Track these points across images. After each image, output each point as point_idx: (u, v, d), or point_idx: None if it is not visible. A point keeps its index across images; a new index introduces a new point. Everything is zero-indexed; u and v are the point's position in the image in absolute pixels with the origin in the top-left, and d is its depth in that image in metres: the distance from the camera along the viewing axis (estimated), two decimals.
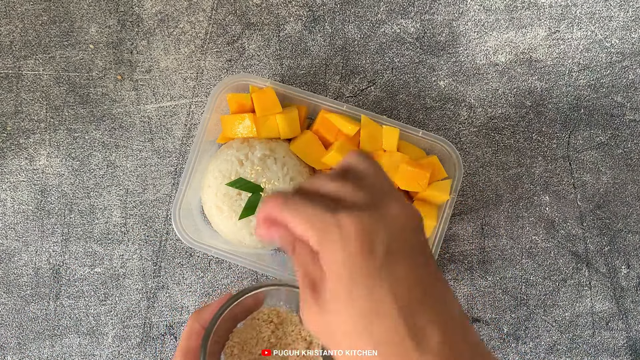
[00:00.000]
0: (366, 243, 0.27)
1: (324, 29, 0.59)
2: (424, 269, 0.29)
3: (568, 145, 0.59)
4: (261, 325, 0.52)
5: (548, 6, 0.59)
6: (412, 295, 0.28)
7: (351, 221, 0.28)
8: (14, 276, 0.58)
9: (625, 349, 0.58)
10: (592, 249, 0.59)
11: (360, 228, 0.27)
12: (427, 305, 0.28)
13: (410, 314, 0.27)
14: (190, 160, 0.53)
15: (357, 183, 0.30)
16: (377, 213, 0.28)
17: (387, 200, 0.29)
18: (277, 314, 0.53)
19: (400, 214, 0.29)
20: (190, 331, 0.48)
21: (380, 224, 0.28)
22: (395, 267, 0.28)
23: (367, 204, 0.29)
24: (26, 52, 0.58)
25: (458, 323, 0.29)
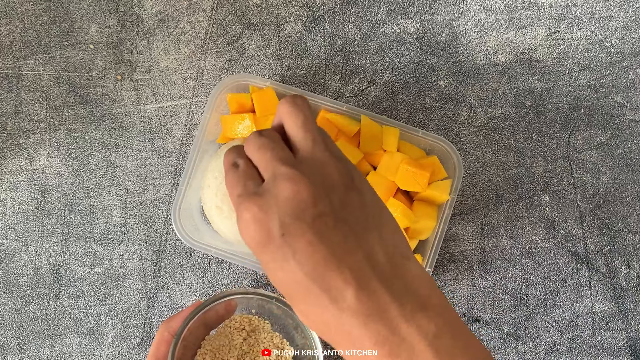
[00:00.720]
0: (261, 229, 0.31)
1: (324, 29, 0.59)
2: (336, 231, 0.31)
3: (568, 145, 0.59)
4: (233, 333, 0.52)
5: (548, 6, 0.59)
6: (316, 260, 0.30)
7: (247, 211, 0.31)
8: (14, 276, 0.58)
9: (625, 349, 0.58)
10: (592, 249, 0.59)
11: (254, 218, 0.31)
12: (339, 265, 0.30)
13: (318, 276, 0.30)
14: (190, 160, 0.53)
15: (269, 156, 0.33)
16: (269, 199, 0.31)
17: (281, 182, 0.32)
18: (249, 322, 0.53)
19: (290, 195, 0.31)
20: (160, 340, 0.48)
21: (272, 209, 0.31)
22: (294, 241, 0.30)
23: (265, 190, 0.32)
24: (26, 52, 0.58)
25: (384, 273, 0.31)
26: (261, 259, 0.32)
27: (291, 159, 0.33)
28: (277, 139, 0.35)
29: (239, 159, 0.35)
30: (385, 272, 0.31)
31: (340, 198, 0.32)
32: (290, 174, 0.32)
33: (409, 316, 0.30)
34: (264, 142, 0.34)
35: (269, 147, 0.34)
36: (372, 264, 0.31)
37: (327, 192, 0.32)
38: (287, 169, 0.32)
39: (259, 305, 0.54)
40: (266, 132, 0.35)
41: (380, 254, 0.32)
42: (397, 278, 0.31)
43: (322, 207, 0.31)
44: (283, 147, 0.34)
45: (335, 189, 0.32)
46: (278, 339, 0.53)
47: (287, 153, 0.34)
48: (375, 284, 0.30)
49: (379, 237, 0.32)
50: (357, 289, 0.30)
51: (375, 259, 0.31)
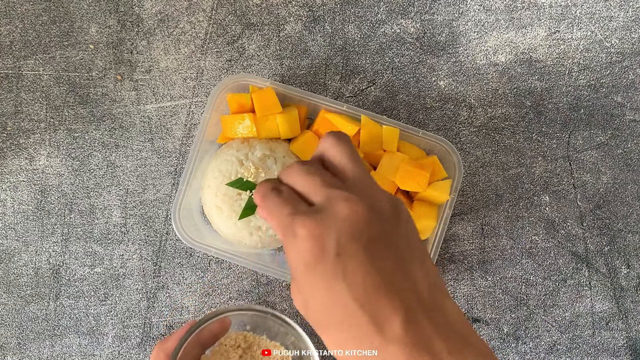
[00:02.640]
0: (316, 247, 0.30)
1: (324, 29, 0.59)
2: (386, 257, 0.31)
3: (568, 145, 0.59)
4: (229, 351, 0.52)
5: (548, 6, 0.59)
6: (367, 285, 0.30)
7: (303, 228, 0.31)
8: (14, 276, 0.58)
9: (625, 349, 0.58)
10: (592, 249, 0.59)
11: (312, 234, 0.31)
12: (388, 292, 0.30)
13: (367, 302, 0.30)
14: (190, 160, 0.53)
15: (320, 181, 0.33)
16: (327, 217, 0.31)
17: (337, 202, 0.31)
18: (244, 339, 0.53)
19: (348, 215, 0.31)
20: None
21: (331, 227, 0.31)
22: (348, 262, 0.30)
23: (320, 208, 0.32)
24: (26, 52, 0.58)
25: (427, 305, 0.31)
26: (307, 277, 0.31)
27: (341, 184, 0.33)
28: (321, 167, 0.34)
29: (281, 185, 0.35)
30: (429, 305, 0.31)
31: (391, 224, 0.32)
32: (346, 196, 0.31)
33: (455, 351, 0.30)
34: (311, 169, 0.34)
35: (318, 173, 0.34)
36: (417, 295, 0.31)
37: (380, 216, 0.32)
38: (342, 191, 0.32)
39: (254, 321, 0.54)
40: (310, 162, 0.35)
41: (424, 287, 0.31)
42: (440, 313, 0.31)
43: (376, 229, 0.31)
44: (331, 175, 0.34)
45: (386, 216, 0.32)
46: (275, 345, 0.53)
47: (336, 179, 0.33)
48: (421, 316, 0.30)
49: (421, 269, 0.32)
50: (404, 319, 0.30)
51: (420, 291, 0.31)
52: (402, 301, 0.30)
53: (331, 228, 0.30)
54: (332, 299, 0.30)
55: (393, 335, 0.29)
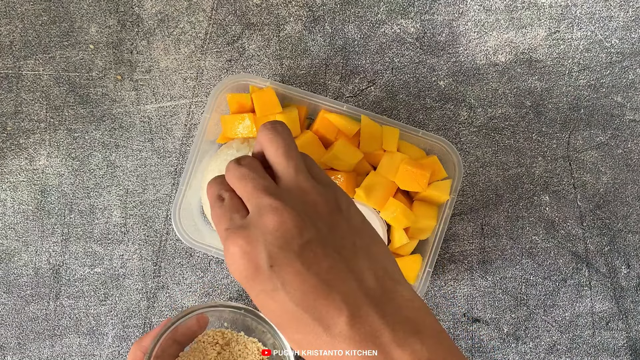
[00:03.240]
0: (249, 263, 0.31)
1: (324, 29, 0.59)
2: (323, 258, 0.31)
3: (568, 145, 0.59)
4: (207, 348, 0.52)
5: (548, 6, 0.59)
6: (306, 289, 0.30)
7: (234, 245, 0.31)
8: (14, 276, 0.58)
9: (625, 349, 0.58)
10: (592, 249, 0.59)
11: (241, 252, 0.31)
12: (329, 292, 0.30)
13: (309, 306, 0.30)
14: (190, 160, 0.53)
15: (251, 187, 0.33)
16: (256, 231, 0.31)
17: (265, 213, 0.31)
18: (222, 335, 0.53)
19: (276, 226, 0.31)
20: (132, 359, 0.48)
21: (259, 241, 0.31)
22: (283, 272, 0.30)
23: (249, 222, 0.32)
24: (26, 52, 0.58)
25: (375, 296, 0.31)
26: (250, 291, 0.32)
27: (273, 188, 0.33)
28: (257, 167, 0.34)
29: (223, 192, 0.35)
30: (377, 296, 0.31)
31: (326, 224, 0.32)
32: (274, 205, 0.31)
33: (402, 341, 0.30)
34: (244, 173, 0.34)
35: (250, 177, 0.33)
36: (363, 289, 0.31)
37: (313, 220, 0.32)
38: (270, 199, 0.32)
39: (232, 319, 0.54)
40: (245, 161, 0.35)
41: (370, 278, 0.31)
42: (389, 302, 0.31)
43: (308, 235, 0.31)
44: (264, 176, 0.34)
45: (320, 216, 0.32)
46: (253, 342, 0.53)
47: (269, 182, 0.33)
48: (367, 309, 0.30)
49: (368, 261, 0.32)
50: (348, 316, 0.30)
51: (365, 283, 0.31)
52: (344, 298, 0.30)
53: (260, 242, 0.31)
54: (278, 307, 0.31)
55: (340, 333, 0.30)
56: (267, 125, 0.35)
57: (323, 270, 0.31)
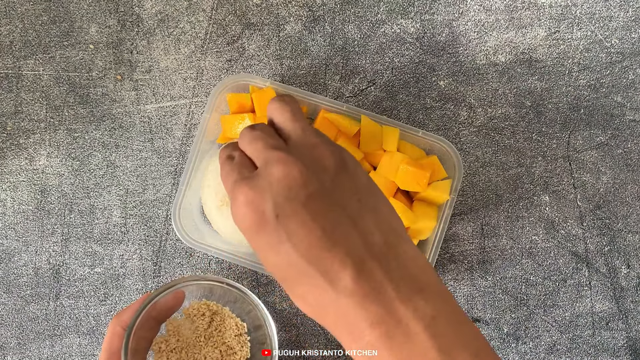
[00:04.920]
0: (255, 212, 0.31)
1: (324, 29, 0.59)
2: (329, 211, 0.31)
3: (568, 145, 0.59)
4: (194, 321, 0.54)
5: (548, 6, 0.59)
6: (311, 241, 0.30)
7: (240, 194, 0.32)
8: (14, 276, 0.58)
9: (625, 349, 0.58)
10: (592, 249, 0.59)
11: (247, 200, 0.31)
12: (334, 245, 0.30)
13: (314, 258, 0.30)
14: (190, 160, 0.53)
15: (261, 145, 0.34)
16: (262, 181, 0.32)
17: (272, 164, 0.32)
18: (207, 307, 0.55)
19: (282, 176, 0.31)
20: (112, 334, 0.49)
21: (266, 190, 0.31)
22: (288, 222, 0.30)
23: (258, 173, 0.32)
24: (26, 52, 0.58)
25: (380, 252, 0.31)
26: (255, 243, 0.32)
27: (282, 145, 0.34)
28: (269, 130, 0.35)
29: (234, 152, 0.36)
30: (381, 252, 0.31)
31: (332, 179, 0.32)
32: (281, 157, 0.32)
33: (406, 298, 0.30)
34: (256, 134, 0.35)
35: (261, 137, 0.34)
36: (367, 244, 0.31)
37: (318, 173, 0.32)
38: (278, 152, 0.32)
39: (212, 292, 0.55)
40: (258, 125, 0.36)
41: (375, 234, 0.31)
42: (393, 259, 0.31)
43: (314, 186, 0.31)
44: (275, 137, 0.35)
45: (327, 169, 0.33)
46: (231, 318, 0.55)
47: (278, 141, 0.34)
48: (371, 265, 0.30)
49: (373, 217, 0.32)
50: (353, 270, 0.30)
51: (370, 239, 0.31)
52: (349, 252, 0.30)
53: (266, 192, 0.31)
54: (282, 259, 0.31)
55: (344, 287, 0.30)
56: (275, 98, 0.37)
57: (328, 222, 0.31)
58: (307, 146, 0.34)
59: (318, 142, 0.34)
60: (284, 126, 0.36)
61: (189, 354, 0.53)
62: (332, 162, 0.33)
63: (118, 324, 0.49)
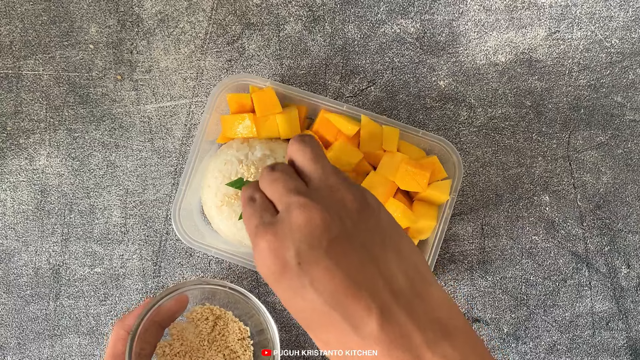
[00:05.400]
0: (277, 259, 0.31)
1: (324, 29, 0.59)
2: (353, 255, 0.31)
3: (568, 145, 0.59)
4: (198, 325, 0.54)
5: (548, 6, 0.59)
6: (335, 287, 0.30)
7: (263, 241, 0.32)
8: (14, 276, 0.58)
9: (625, 349, 0.58)
10: (592, 249, 0.59)
11: (270, 247, 0.31)
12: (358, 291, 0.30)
13: (338, 305, 0.30)
14: (190, 160, 0.53)
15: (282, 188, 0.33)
16: (284, 228, 0.31)
17: (294, 210, 0.32)
18: (211, 311, 0.55)
19: (304, 222, 0.31)
20: (116, 338, 0.49)
21: (287, 238, 0.31)
22: (312, 270, 0.30)
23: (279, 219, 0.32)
24: (26, 52, 0.58)
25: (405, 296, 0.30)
26: (277, 288, 0.32)
27: (303, 188, 0.33)
28: (289, 171, 0.35)
29: (256, 193, 0.35)
30: (407, 297, 0.30)
31: (353, 221, 0.32)
32: (302, 202, 0.32)
33: (433, 344, 0.29)
34: (276, 176, 0.34)
35: (281, 179, 0.34)
36: (392, 288, 0.30)
37: (340, 216, 0.32)
38: (298, 197, 0.32)
39: (215, 296, 0.55)
40: (279, 167, 0.35)
41: (400, 277, 0.31)
42: (420, 303, 0.31)
43: (336, 230, 0.31)
44: (295, 179, 0.34)
45: (349, 212, 0.32)
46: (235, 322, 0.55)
47: (299, 183, 0.34)
48: (397, 310, 0.30)
49: (397, 259, 0.32)
50: (378, 316, 0.29)
51: (395, 282, 0.31)
52: (375, 298, 0.30)
53: (288, 239, 0.31)
54: (306, 305, 0.31)
55: (370, 334, 0.29)
56: (295, 138, 0.36)
57: (351, 266, 0.30)
58: (328, 188, 0.33)
59: (338, 184, 0.33)
60: (305, 167, 0.35)
61: (192, 358, 0.53)
62: (354, 204, 0.33)
63: (122, 328, 0.49)
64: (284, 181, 0.34)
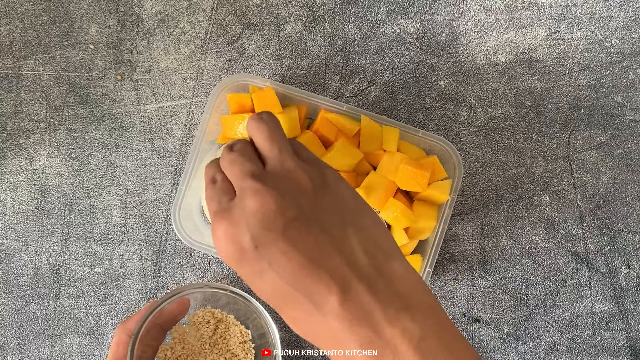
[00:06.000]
0: (234, 244, 0.31)
1: (324, 29, 0.59)
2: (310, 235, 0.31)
3: (568, 145, 0.59)
4: (199, 328, 0.54)
5: (548, 6, 0.59)
6: (294, 267, 0.30)
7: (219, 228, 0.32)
8: (14, 276, 0.58)
9: (625, 349, 0.58)
10: (592, 249, 0.59)
11: (226, 234, 0.31)
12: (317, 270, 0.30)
13: (299, 284, 0.30)
14: (190, 160, 0.53)
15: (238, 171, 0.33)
16: (239, 213, 0.31)
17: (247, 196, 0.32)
18: (212, 315, 0.55)
19: (257, 207, 0.31)
20: (117, 342, 0.49)
21: (242, 223, 0.31)
22: (269, 252, 0.30)
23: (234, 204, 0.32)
24: (26, 52, 0.58)
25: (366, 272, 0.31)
26: (240, 273, 0.32)
27: (258, 171, 0.33)
28: (247, 151, 0.35)
29: (217, 174, 0.35)
30: (368, 272, 0.31)
31: (310, 202, 0.32)
32: (255, 187, 0.32)
33: (393, 318, 0.29)
34: (233, 157, 0.34)
35: (238, 161, 0.34)
36: (352, 265, 0.31)
37: (296, 198, 0.32)
38: (252, 182, 0.32)
39: (222, 301, 0.55)
40: (238, 146, 0.35)
41: (360, 254, 0.31)
42: (381, 278, 0.31)
43: (292, 213, 0.31)
44: (252, 160, 0.34)
45: (305, 193, 0.32)
46: (236, 326, 0.55)
47: (255, 165, 0.34)
48: (357, 286, 0.30)
49: (358, 236, 0.32)
50: (339, 293, 0.30)
51: (355, 259, 0.31)
52: (334, 276, 0.30)
53: (242, 224, 0.31)
54: (268, 286, 0.31)
55: (331, 311, 0.30)
56: (253, 116, 0.36)
57: (309, 247, 0.30)
58: (284, 170, 0.33)
59: (294, 165, 0.33)
60: (261, 147, 0.35)
61: None
62: (310, 183, 0.33)
63: (123, 331, 0.49)
64: (241, 163, 0.34)
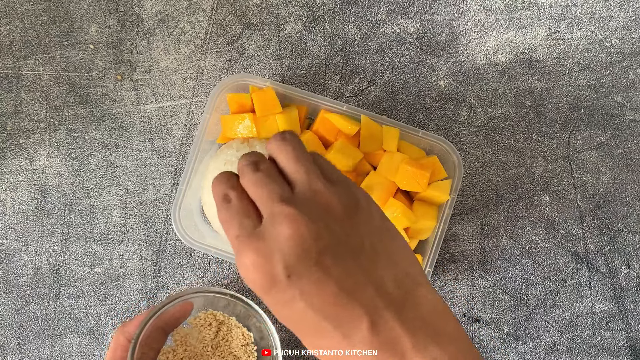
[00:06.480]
0: (265, 275, 0.30)
1: (324, 29, 0.59)
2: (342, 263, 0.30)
3: (568, 145, 0.59)
4: (201, 331, 0.54)
5: (548, 6, 0.59)
6: (325, 297, 0.30)
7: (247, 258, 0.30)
8: (14, 276, 0.58)
9: (625, 349, 0.58)
10: (592, 249, 0.59)
11: (256, 264, 0.30)
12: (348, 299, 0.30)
13: (329, 314, 0.30)
14: (190, 160, 0.53)
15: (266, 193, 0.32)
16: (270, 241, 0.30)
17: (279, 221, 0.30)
18: (214, 317, 0.55)
19: (291, 235, 0.30)
20: (116, 345, 0.49)
21: (274, 252, 0.30)
22: (301, 282, 0.30)
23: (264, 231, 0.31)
24: (26, 52, 0.58)
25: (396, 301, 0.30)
26: (266, 300, 0.31)
27: (287, 194, 0.32)
28: (273, 173, 0.33)
29: (230, 191, 0.33)
30: (397, 301, 0.30)
31: (342, 227, 0.31)
32: (288, 213, 0.30)
33: (422, 347, 0.29)
34: (259, 178, 0.32)
35: (264, 182, 0.32)
36: (382, 294, 0.30)
37: (328, 224, 0.31)
38: (283, 207, 0.30)
39: (218, 304, 0.55)
40: (264, 166, 0.33)
41: (390, 282, 0.31)
42: (410, 307, 0.31)
43: (325, 241, 0.30)
44: (280, 183, 0.32)
45: (335, 218, 0.31)
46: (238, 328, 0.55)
47: (283, 188, 0.32)
48: (387, 315, 0.30)
49: (388, 263, 0.32)
50: (369, 323, 0.29)
51: (385, 288, 0.31)
52: (364, 305, 0.30)
53: (275, 253, 0.30)
54: (296, 315, 0.30)
55: (361, 341, 0.29)
56: (275, 136, 0.34)
57: (341, 276, 0.30)
58: (314, 193, 0.32)
59: (324, 188, 0.32)
60: (287, 168, 0.33)
61: None
62: (340, 208, 0.32)
63: (122, 334, 0.49)
64: (268, 185, 0.32)
